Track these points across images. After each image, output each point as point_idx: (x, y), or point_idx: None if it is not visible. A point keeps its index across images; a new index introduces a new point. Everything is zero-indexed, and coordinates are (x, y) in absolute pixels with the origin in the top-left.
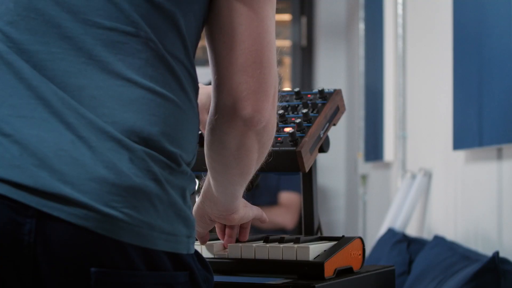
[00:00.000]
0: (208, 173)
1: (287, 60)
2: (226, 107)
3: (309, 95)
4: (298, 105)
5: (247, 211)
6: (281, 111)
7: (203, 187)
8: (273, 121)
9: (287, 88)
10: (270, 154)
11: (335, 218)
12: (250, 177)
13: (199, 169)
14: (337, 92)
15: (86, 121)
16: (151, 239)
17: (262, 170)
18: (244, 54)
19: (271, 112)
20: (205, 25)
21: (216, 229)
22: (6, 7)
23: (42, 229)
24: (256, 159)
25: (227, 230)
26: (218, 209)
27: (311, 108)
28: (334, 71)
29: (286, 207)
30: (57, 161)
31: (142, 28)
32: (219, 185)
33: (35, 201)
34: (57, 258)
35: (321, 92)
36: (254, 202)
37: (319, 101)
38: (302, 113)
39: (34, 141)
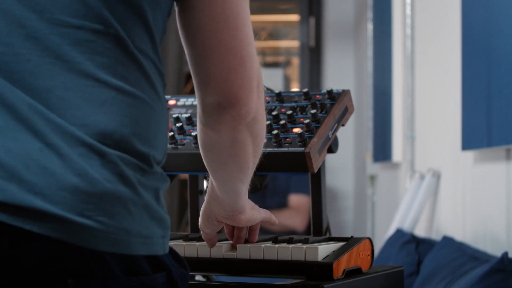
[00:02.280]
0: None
1: (296, 61)
2: (213, 105)
3: (317, 96)
4: (306, 106)
5: (254, 213)
6: (289, 112)
7: (208, 188)
8: (262, 111)
9: (295, 89)
10: (276, 155)
11: (343, 219)
12: (250, 172)
13: (205, 170)
14: (346, 93)
15: (55, 126)
16: (129, 245)
17: (271, 170)
18: (225, 52)
19: (257, 102)
20: (180, 24)
21: (225, 230)
22: None
23: (14, 243)
24: (252, 152)
25: (235, 232)
26: (224, 209)
27: (320, 109)
28: (342, 71)
29: (296, 210)
30: (26, 171)
31: (111, 25)
32: (220, 184)
33: (4, 216)
34: (32, 273)
35: (330, 92)
36: (263, 204)
37: (327, 102)
38: (311, 113)
39: (0, 151)
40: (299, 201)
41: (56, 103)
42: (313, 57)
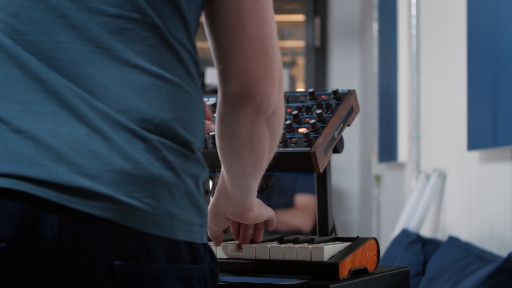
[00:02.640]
0: (222, 167)
1: (301, 61)
2: (235, 95)
3: (323, 96)
4: (312, 106)
5: (261, 210)
6: (295, 112)
7: (217, 185)
8: (282, 106)
9: (300, 89)
10: (282, 155)
11: (349, 219)
12: (263, 167)
13: (213, 170)
14: (351, 93)
15: (99, 112)
16: (172, 229)
17: (277, 170)
18: (248, 41)
19: (278, 96)
20: (205, 15)
21: (231, 229)
22: None
23: (65, 223)
24: (268, 147)
25: (241, 231)
26: (233, 205)
27: (325, 109)
28: (347, 71)
29: (303, 210)
30: (74, 154)
31: (148, 14)
32: (233, 178)
33: (56, 195)
34: (81, 251)
35: (335, 92)
36: (269, 204)
37: (333, 102)
38: (316, 113)
39: (48, 136)
40: (305, 201)
41: (98, 90)
42: (318, 57)
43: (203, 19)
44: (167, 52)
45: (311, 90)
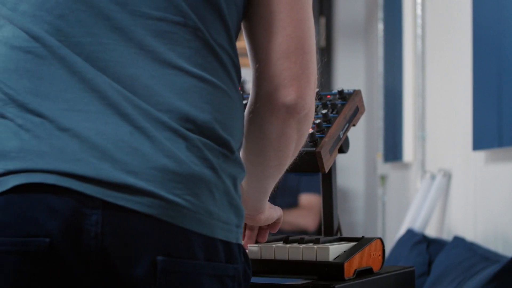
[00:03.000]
0: None
1: None
2: (269, 94)
3: (328, 96)
4: (317, 106)
5: (271, 212)
6: None
7: None
8: (313, 111)
9: None
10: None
11: (354, 219)
12: (284, 170)
13: None
14: (357, 93)
15: (142, 111)
16: (211, 227)
17: None
18: (286, 40)
19: (312, 99)
20: (246, 19)
21: None
22: (56, 1)
23: (109, 219)
24: (293, 150)
25: (247, 232)
26: (247, 207)
27: (331, 109)
28: (353, 71)
29: (307, 209)
30: (118, 152)
31: (190, 18)
32: (253, 179)
33: (100, 192)
34: (125, 247)
35: (341, 92)
36: (274, 204)
37: (338, 102)
38: (322, 113)
39: (93, 134)
40: (309, 200)
41: (141, 90)
42: (323, 57)
43: (243, 21)
44: (208, 55)
45: (316, 90)
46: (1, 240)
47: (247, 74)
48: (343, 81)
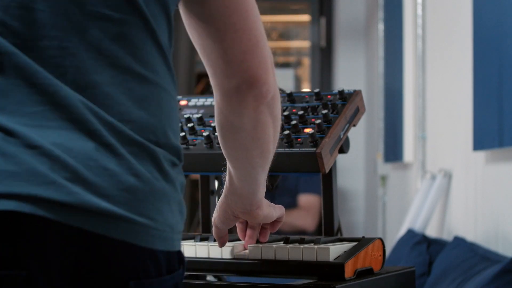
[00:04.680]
0: (228, 165)
1: (306, 61)
2: (234, 89)
3: (329, 96)
4: (318, 106)
5: (270, 210)
6: (301, 112)
7: (225, 183)
8: (277, 89)
9: (306, 89)
10: (287, 155)
11: (354, 219)
12: (270, 156)
13: (219, 170)
14: (357, 93)
15: (106, 124)
16: (172, 242)
17: (282, 171)
18: (240, 35)
19: (274, 81)
20: (188, 16)
21: (237, 229)
22: None
23: (85, 246)
24: (272, 134)
25: (248, 231)
26: (243, 202)
27: (331, 109)
28: (353, 72)
29: (306, 210)
30: (88, 172)
31: (148, 20)
32: (241, 173)
33: (75, 219)
34: (99, 275)
35: (341, 93)
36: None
37: (339, 102)
38: (322, 114)
39: (61, 152)
40: (309, 201)
41: (102, 99)
42: (324, 57)
43: (185, 21)
44: (160, 59)
45: (317, 90)
46: None
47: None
48: (343, 81)
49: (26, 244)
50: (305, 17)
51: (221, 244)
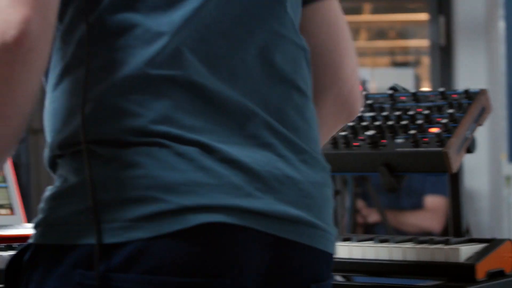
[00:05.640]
0: None
1: (425, 60)
2: (343, 96)
3: (454, 95)
4: (443, 105)
5: None
6: (426, 112)
7: None
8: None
9: (425, 88)
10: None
11: (478, 220)
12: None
13: (345, 170)
14: (483, 92)
15: (279, 135)
16: (335, 245)
17: (409, 171)
18: (351, 44)
19: None
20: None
21: None
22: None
23: (280, 254)
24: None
25: None
26: None
27: (457, 108)
28: (474, 70)
29: (432, 211)
30: (276, 182)
31: (305, 46)
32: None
33: (272, 227)
34: (287, 279)
35: (467, 92)
36: (398, 204)
37: (464, 101)
38: (448, 113)
39: (250, 163)
40: (435, 202)
41: (273, 111)
42: (443, 56)
43: None
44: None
45: (442, 89)
46: (184, 281)
47: (366, 74)
48: (463, 80)
49: (231, 252)
50: (423, 16)
51: None
